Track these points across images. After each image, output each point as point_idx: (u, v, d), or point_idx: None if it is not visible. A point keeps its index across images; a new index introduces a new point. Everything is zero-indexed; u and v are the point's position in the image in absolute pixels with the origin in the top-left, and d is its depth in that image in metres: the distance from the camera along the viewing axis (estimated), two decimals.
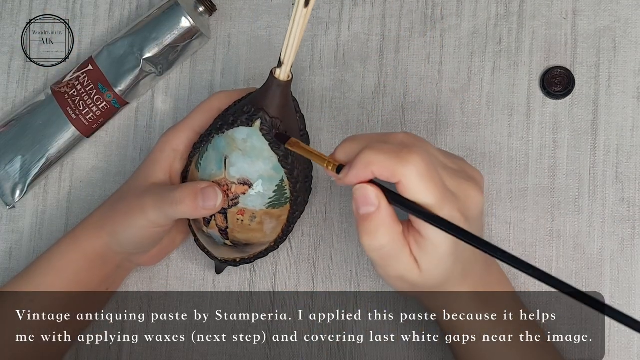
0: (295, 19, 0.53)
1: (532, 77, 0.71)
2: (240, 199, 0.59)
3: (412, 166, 0.50)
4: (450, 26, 0.72)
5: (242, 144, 0.58)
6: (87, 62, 0.71)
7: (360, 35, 0.72)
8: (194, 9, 0.71)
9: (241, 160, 0.59)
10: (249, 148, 0.58)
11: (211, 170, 0.60)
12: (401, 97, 0.71)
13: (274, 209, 0.60)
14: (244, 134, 0.58)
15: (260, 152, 0.58)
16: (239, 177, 0.59)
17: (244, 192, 0.59)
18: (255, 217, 0.60)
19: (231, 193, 0.59)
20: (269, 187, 0.59)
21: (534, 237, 0.69)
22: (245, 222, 0.60)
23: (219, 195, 0.59)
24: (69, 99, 0.70)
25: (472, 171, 0.56)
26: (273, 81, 0.57)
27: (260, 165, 0.59)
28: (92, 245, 0.63)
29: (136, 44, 0.70)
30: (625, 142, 0.69)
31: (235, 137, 0.59)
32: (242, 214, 0.60)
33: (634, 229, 0.68)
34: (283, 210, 0.61)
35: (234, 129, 0.59)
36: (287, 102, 0.59)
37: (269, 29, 0.73)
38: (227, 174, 0.59)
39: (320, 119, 0.72)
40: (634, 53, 0.70)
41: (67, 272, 0.64)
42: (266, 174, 0.59)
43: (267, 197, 0.59)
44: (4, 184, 0.71)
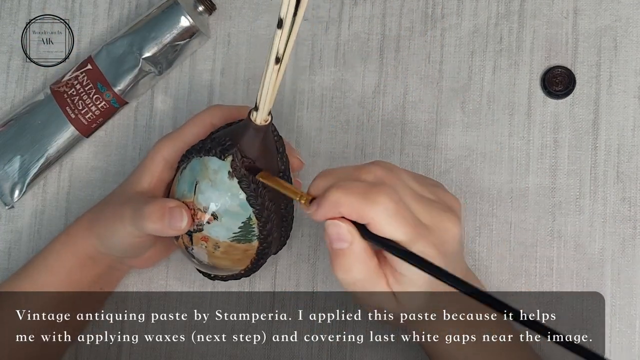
0: (267, 75, 0.52)
1: (532, 76, 0.70)
2: (204, 227, 0.58)
3: (380, 207, 0.49)
4: (450, 25, 0.72)
5: (213, 175, 0.57)
6: (86, 62, 0.70)
7: (361, 35, 0.72)
8: (193, 8, 0.71)
9: (210, 190, 0.58)
10: (218, 180, 0.57)
11: (183, 190, 0.59)
12: (401, 97, 0.71)
13: (239, 243, 0.59)
14: (216, 165, 0.57)
15: (228, 188, 0.57)
16: (205, 206, 0.58)
17: (209, 222, 0.58)
18: (219, 247, 0.59)
19: (197, 218, 0.58)
20: (234, 223, 0.58)
21: (535, 237, 0.69)
22: (209, 249, 0.59)
23: (184, 218, 0.58)
24: (68, 99, 0.70)
25: (450, 200, 0.54)
26: (249, 123, 0.56)
27: (226, 199, 0.57)
28: (82, 246, 0.64)
29: (135, 44, 0.70)
30: (627, 142, 0.69)
31: (209, 165, 0.58)
32: (205, 241, 0.59)
33: (635, 229, 0.68)
34: (250, 246, 0.59)
35: (209, 157, 0.58)
36: (265, 144, 0.57)
37: (269, 28, 0.73)
38: (195, 199, 0.58)
39: (320, 118, 0.71)
40: (635, 52, 0.70)
41: (60, 271, 0.64)
42: (232, 210, 0.57)
43: (231, 231, 0.58)
44: (2, 184, 0.71)
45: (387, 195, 0.49)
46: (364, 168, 0.52)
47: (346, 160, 0.70)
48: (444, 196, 0.54)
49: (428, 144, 0.70)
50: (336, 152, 0.71)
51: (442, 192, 0.54)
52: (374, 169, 0.52)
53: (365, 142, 0.71)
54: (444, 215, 0.52)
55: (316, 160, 0.71)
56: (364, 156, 0.70)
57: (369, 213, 0.49)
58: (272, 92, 0.54)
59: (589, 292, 0.68)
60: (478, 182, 0.70)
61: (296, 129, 0.71)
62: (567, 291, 0.68)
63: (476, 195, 0.69)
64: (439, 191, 0.54)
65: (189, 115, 0.71)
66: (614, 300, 0.67)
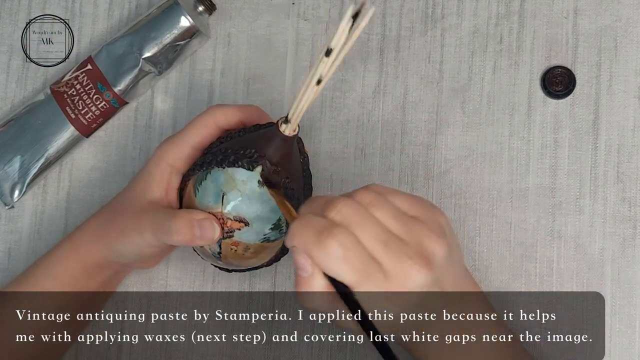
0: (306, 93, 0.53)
1: (533, 76, 0.70)
2: (235, 233, 0.59)
3: (327, 251, 0.49)
4: (450, 25, 0.72)
5: (242, 186, 0.58)
6: (86, 62, 0.70)
7: (361, 35, 0.72)
8: (193, 8, 0.71)
9: (240, 200, 0.58)
10: (248, 190, 0.58)
11: (208, 202, 0.59)
12: (401, 97, 0.71)
13: (269, 242, 0.60)
14: (244, 176, 0.58)
15: (259, 196, 0.58)
16: (235, 215, 0.58)
17: (240, 228, 0.59)
18: (250, 248, 0.60)
19: (226, 227, 0.59)
20: (265, 226, 0.59)
21: (535, 237, 0.69)
22: (239, 252, 0.60)
23: (216, 230, 0.58)
24: (68, 99, 0.70)
25: (430, 243, 0.51)
26: (277, 133, 0.57)
27: (257, 207, 0.58)
28: (90, 255, 0.63)
29: (135, 44, 0.70)
30: (627, 142, 0.69)
31: (235, 177, 0.58)
32: (235, 245, 0.59)
33: (635, 229, 0.68)
34: (278, 242, 0.60)
35: (234, 168, 0.58)
36: (291, 153, 0.58)
37: (269, 28, 0.73)
38: (223, 209, 0.59)
39: (320, 118, 0.71)
40: (635, 52, 0.70)
41: (65, 277, 0.64)
42: (263, 215, 0.58)
43: (262, 233, 0.59)
44: (2, 184, 0.71)
45: (336, 240, 0.49)
46: (333, 204, 0.50)
47: (346, 161, 0.70)
48: (425, 238, 0.51)
49: (428, 144, 0.70)
50: (336, 152, 0.71)
51: (424, 233, 0.51)
52: (343, 205, 0.50)
53: (365, 142, 0.71)
54: (410, 263, 0.50)
55: (316, 160, 0.71)
56: (363, 156, 0.70)
57: (315, 255, 0.49)
58: (306, 108, 0.55)
59: (589, 292, 0.68)
60: (478, 182, 0.70)
61: None
62: (567, 291, 0.68)
63: (476, 195, 0.69)
64: (421, 231, 0.51)
65: (189, 115, 0.71)
66: (614, 300, 0.67)
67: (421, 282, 0.50)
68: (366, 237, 0.50)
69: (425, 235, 0.51)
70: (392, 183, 0.70)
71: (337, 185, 0.70)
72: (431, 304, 0.52)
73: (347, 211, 0.50)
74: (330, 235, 0.49)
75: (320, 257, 0.49)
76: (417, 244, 0.50)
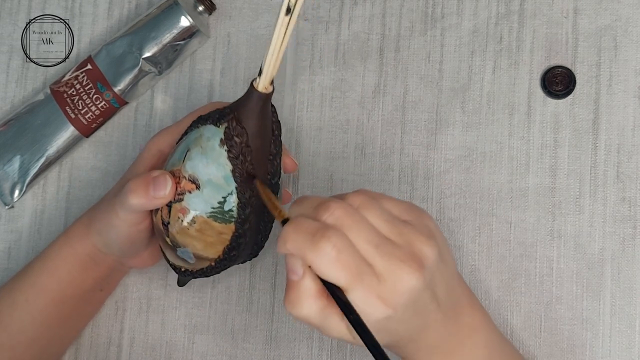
0: (275, 30, 0.51)
1: (532, 76, 0.70)
2: (185, 197, 0.57)
3: (320, 253, 0.48)
4: (450, 25, 0.72)
5: (205, 142, 0.57)
6: (86, 62, 0.70)
7: (361, 34, 0.72)
8: (193, 8, 0.71)
9: (198, 158, 0.57)
10: (209, 148, 0.56)
11: (174, 160, 0.59)
12: (401, 96, 0.71)
13: (215, 221, 0.57)
14: (210, 132, 0.57)
15: (217, 156, 0.56)
16: (190, 173, 0.57)
17: (190, 191, 0.57)
18: (195, 222, 0.57)
19: (180, 187, 0.57)
20: (215, 196, 0.56)
21: (535, 237, 0.69)
22: (184, 225, 0.57)
23: (168, 183, 0.57)
24: (68, 99, 0.70)
25: (421, 245, 0.51)
26: (252, 91, 0.55)
27: (212, 169, 0.56)
28: (82, 246, 0.63)
29: (135, 43, 0.70)
30: (627, 142, 0.69)
31: (203, 133, 0.57)
32: (182, 213, 0.57)
33: (635, 229, 0.68)
34: (225, 228, 0.57)
35: (206, 125, 0.57)
36: (263, 118, 0.56)
37: (269, 27, 0.73)
38: (182, 166, 0.57)
39: (320, 118, 0.71)
40: (635, 52, 0.70)
41: (60, 272, 0.64)
42: (216, 181, 0.56)
43: (210, 205, 0.57)
44: (2, 184, 0.71)
45: (329, 242, 0.48)
46: (325, 206, 0.50)
47: (346, 160, 0.70)
48: (417, 241, 0.51)
49: (428, 144, 0.70)
50: (336, 152, 0.71)
51: (415, 236, 0.51)
52: (336, 208, 0.50)
53: (365, 142, 0.71)
54: (401, 265, 0.50)
55: (316, 160, 0.71)
56: (363, 156, 0.70)
57: (309, 257, 0.49)
58: (278, 53, 0.52)
59: (588, 292, 0.68)
60: (478, 182, 0.70)
61: (296, 129, 0.71)
62: (567, 291, 0.68)
63: (476, 195, 0.69)
64: (413, 234, 0.51)
65: None
66: (614, 300, 0.67)
67: (414, 285, 0.50)
68: (359, 239, 0.50)
69: (415, 238, 0.51)
70: (392, 183, 0.70)
71: (337, 185, 0.70)
72: (423, 307, 0.52)
73: (340, 213, 0.50)
74: (323, 237, 0.48)
75: (313, 259, 0.49)
76: (408, 246, 0.51)
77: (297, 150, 0.71)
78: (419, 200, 0.70)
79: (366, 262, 0.49)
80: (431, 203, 0.69)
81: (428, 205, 0.69)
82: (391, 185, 0.70)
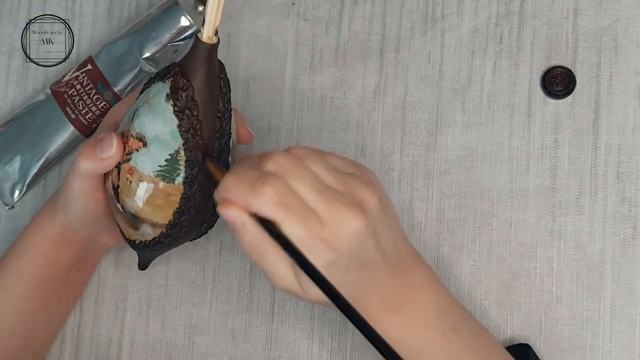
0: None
1: (533, 76, 0.70)
2: (132, 156, 0.56)
3: (262, 198, 0.49)
4: (450, 25, 0.72)
5: (152, 99, 0.56)
6: (86, 62, 0.71)
7: (361, 35, 0.72)
8: (193, 8, 0.71)
9: (145, 114, 0.56)
10: (155, 104, 0.56)
11: (125, 122, 0.58)
12: (401, 97, 0.71)
13: (164, 181, 0.56)
14: (157, 88, 0.56)
15: (162, 111, 0.55)
16: (137, 131, 0.56)
17: (138, 149, 0.56)
18: (142, 181, 0.56)
19: (128, 146, 0.57)
20: (162, 153, 0.55)
21: (535, 237, 0.69)
22: (133, 186, 0.57)
23: (114, 142, 0.57)
24: (68, 99, 0.70)
25: (362, 193, 0.52)
26: (197, 43, 0.54)
27: (158, 124, 0.55)
28: (52, 227, 0.64)
29: (135, 44, 0.70)
30: (627, 142, 0.69)
31: (151, 90, 0.57)
32: (131, 174, 0.57)
33: (635, 229, 0.68)
34: (174, 189, 0.56)
35: (154, 83, 0.57)
36: (210, 71, 0.55)
37: (269, 28, 0.73)
38: (130, 125, 0.57)
39: (320, 118, 0.71)
40: (635, 52, 0.70)
41: (35, 255, 0.64)
42: (162, 137, 0.55)
43: (157, 162, 0.56)
44: (3, 184, 0.71)
45: (271, 187, 0.49)
46: (268, 156, 0.51)
47: None
48: (357, 189, 0.52)
49: (428, 144, 0.70)
50: (336, 152, 0.71)
51: (356, 184, 0.52)
52: (279, 157, 0.51)
53: (365, 142, 0.71)
54: (344, 209, 0.50)
55: None
56: (364, 156, 0.70)
57: (252, 203, 0.49)
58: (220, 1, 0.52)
59: (588, 292, 0.68)
60: (478, 182, 0.70)
61: (296, 129, 0.71)
62: (567, 291, 0.68)
63: (476, 195, 0.69)
64: (354, 183, 0.52)
65: None
66: (614, 300, 0.67)
67: (356, 227, 0.50)
68: (301, 186, 0.50)
69: (357, 186, 0.52)
70: (392, 183, 0.70)
71: None
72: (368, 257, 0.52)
73: (283, 162, 0.51)
74: (265, 183, 0.49)
75: (256, 204, 0.49)
76: (350, 193, 0.51)
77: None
78: (419, 200, 0.70)
79: (309, 207, 0.50)
80: (431, 203, 0.69)
81: (428, 206, 0.69)
82: (391, 185, 0.70)
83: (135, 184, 0.56)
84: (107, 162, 0.57)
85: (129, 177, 0.56)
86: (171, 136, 0.55)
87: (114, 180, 0.58)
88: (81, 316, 0.71)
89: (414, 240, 0.69)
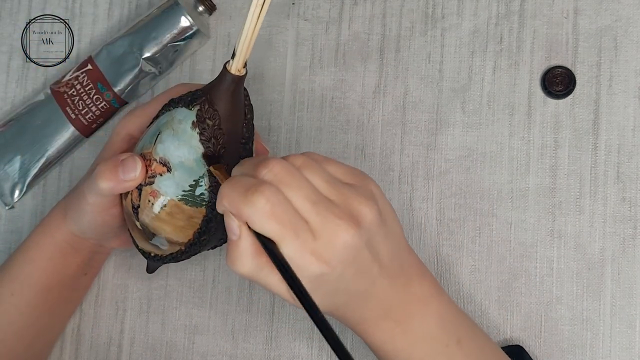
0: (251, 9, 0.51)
1: (533, 76, 0.70)
2: (156, 179, 0.57)
3: (254, 208, 0.49)
4: (450, 25, 0.72)
5: (177, 125, 0.56)
6: (86, 62, 0.70)
7: (361, 35, 0.72)
8: (193, 8, 0.71)
9: (170, 140, 0.56)
10: (180, 130, 0.56)
11: (144, 143, 0.58)
12: (401, 97, 0.71)
13: (186, 205, 0.56)
14: (182, 115, 0.56)
15: (188, 139, 0.56)
16: (161, 156, 0.56)
17: (162, 173, 0.56)
18: (166, 205, 0.57)
19: (151, 170, 0.57)
20: (186, 179, 0.56)
21: (535, 237, 0.68)
22: (155, 208, 0.57)
23: (138, 165, 0.57)
24: (68, 99, 0.70)
25: (359, 205, 0.51)
26: (225, 74, 0.55)
27: (184, 151, 0.56)
28: (60, 234, 0.63)
29: (136, 44, 0.70)
30: (627, 142, 0.69)
31: (175, 116, 0.57)
32: (153, 196, 0.57)
33: (636, 229, 0.68)
34: (196, 212, 0.57)
35: (177, 108, 0.57)
36: (235, 101, 0.56)
37: (269, 28, 0.73)
38: (153, 149, 0.57)
39: (320, 118, 0.71)
40: (635, 52, 0.70)
41: (42, 261, 0.64)
42: (187, 164, 0.56)
43: (181, 188, 0.56)
44: (3, 184, 0.71)
45: (263, 196, 0.49)
46: (264, 163, 0.51)
47: (346, 161, 0.70)
48: (354, 200, 0.51)
49: (428, 144, 0.70)
50: (336, 152, 0.71)
51: (354, 196, 0.51)
52: (275, 164, 0.50)
53: (365, 142, 0.71)
54: (337, 222, 0.50)
55: None
56: (364, 156, 0.70)
57: (244, 212, 0.49)
58: (252, 35, 0.52)
59: (588, 292, 0.68)
60: (478, 182, 0.70)
61: (296, 129, 0.71)
62: (567, 291, 0.68)
63: (476, 195, 0.69)
64: (351, 194, 0.51)
65: None
66: (614, 300, 0.67)
67: (348, 240, 0.50)
68: (295, 196, 0.50)
69: (354, 198, 0.51)
70: (392, 183, 0.70)
71: None
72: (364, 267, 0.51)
73: (278, 170, 0.50)
74: (257, 191, 0.49)
75: (248, 214, 0.49)
76: (346, 205, 0.51)
77: (297, 151, 0.71)
78: (419, 200, 0.70)
79: (302, 218, 0.49)
80: (431, 203, 0.69)
81: (428, 206, 0.69)
82: (391, 185, 0.70)
83: (158, 207, 0.57)
84: (128, 184, 0.57)
85: (151, 200, 0.57)
86: (196, 163, 0.56)
87: (134, 201, 0.58)
88: (81, 316, 0.71)
89: (414, 240, 0.69)
